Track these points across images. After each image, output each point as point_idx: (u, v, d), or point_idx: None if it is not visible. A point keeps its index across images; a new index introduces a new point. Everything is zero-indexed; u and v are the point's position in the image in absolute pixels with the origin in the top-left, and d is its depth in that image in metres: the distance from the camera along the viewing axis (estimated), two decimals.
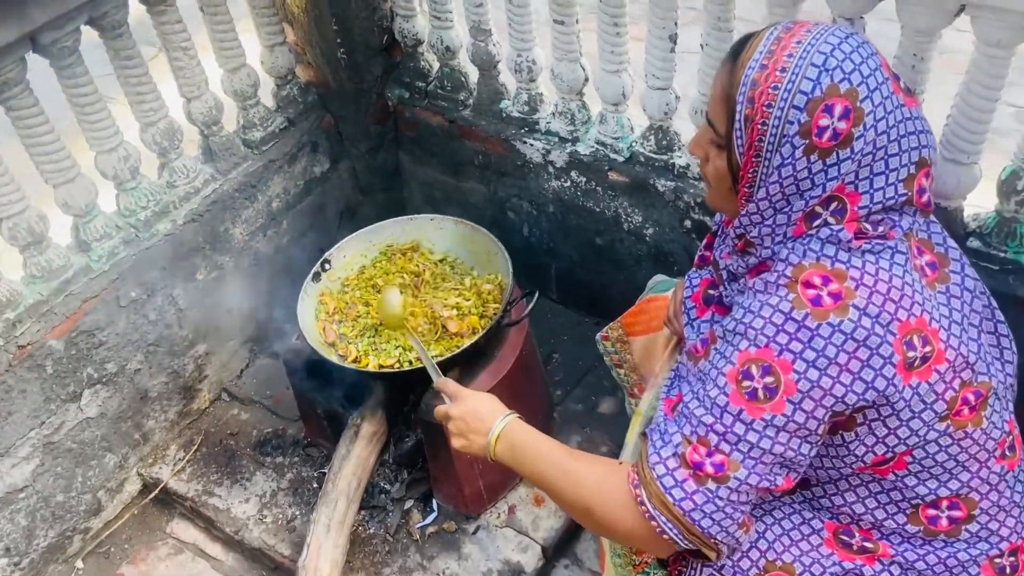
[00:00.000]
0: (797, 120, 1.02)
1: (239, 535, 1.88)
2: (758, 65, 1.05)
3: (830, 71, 1.02)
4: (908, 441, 1.11)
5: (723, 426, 1.08)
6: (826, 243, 1.07)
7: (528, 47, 1.89)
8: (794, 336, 1.04)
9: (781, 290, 1.08)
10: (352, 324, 1.76)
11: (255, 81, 2.00)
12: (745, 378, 1.07)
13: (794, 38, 1.05)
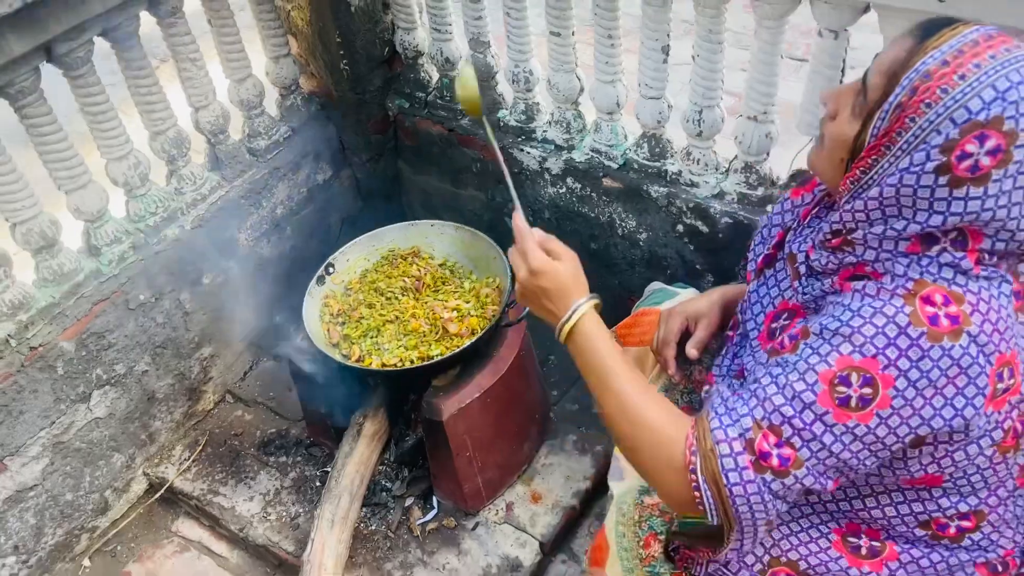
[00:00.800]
0: (947, 133, 0.96)
1: (244, 533, 1.92)
2: (940, 59, 0.97)
3: (1005, 102, 0.94)
4: (960, 464, 1.11)
5: (802, 422, 1.04)
6: (945, 267, 1.04)
7: (525, 58, 1.96)
8: (905, 353, 1.01)
9: (898, 300, 1.03)
10: (356, 325, 1.81)
11: (260, 91, 2.06)
12: (842, 383, 1.03)
13: (989, 50, 0.97)
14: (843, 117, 1.07)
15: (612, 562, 1.43)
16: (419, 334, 1.77)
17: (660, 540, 1.38)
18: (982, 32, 0.98)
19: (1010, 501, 1.24)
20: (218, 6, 1.89)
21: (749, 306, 1.35)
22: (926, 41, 0.99)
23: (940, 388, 1.01)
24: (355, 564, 1.82)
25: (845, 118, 1.07)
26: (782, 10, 1.51)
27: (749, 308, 1.34)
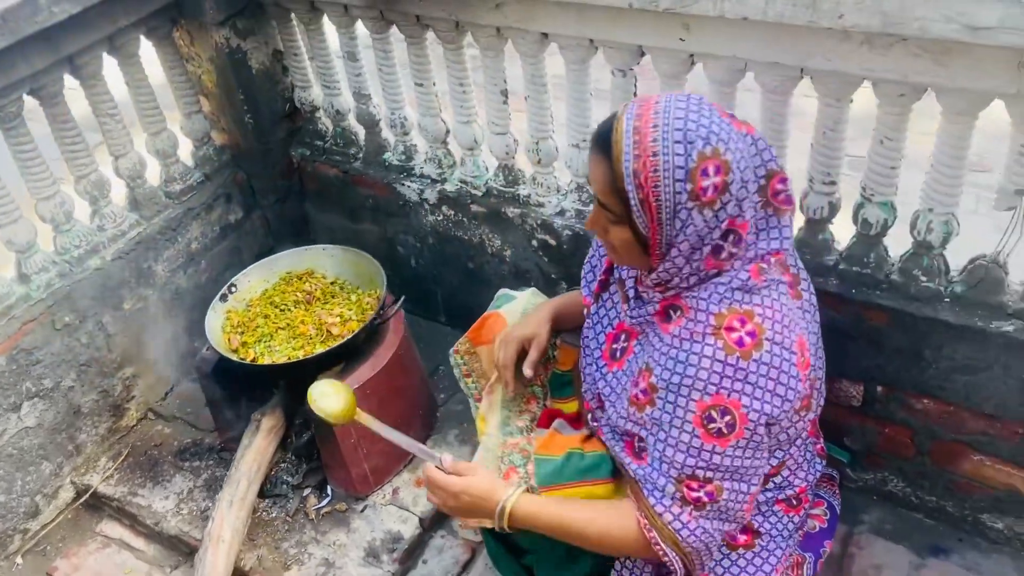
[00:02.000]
0: (684, 190, 1.22)
1: (159, 527, 2.16)
2: (632, 156, 1.23)
3: (692, 142, 1.21)
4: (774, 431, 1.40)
5: (703, 462, 1.32)
6: (735, 290, 1.31)
7: (400, 106, 2.31)
8: (734, 378, 1.28)
9: (709, 339, 1.29)
10: (252, 333, 2.10)
11: (175, 142, 2.39)
12: (709, 422, 1.30)
13: (649, 122, 1.23)
14: (612, 229, 1.33)
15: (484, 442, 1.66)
16: (306, 337, 2.07)
17: (517, 472, 1.59)
18: (631, 115, 1.25)
19: (802, 447, 1.56)
20: (134, 70, 2.23)
21: (591, 327, 1.60)
22: (610, 153, 1.25)
23: (772, 387, 1.30)
24: (255, 545, 2.07)
25: (614, 230, 1.33)
26: (580, 55, 1.88)
27: (591, 330, 1.60)
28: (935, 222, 1.67)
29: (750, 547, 1.57)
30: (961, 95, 1.49)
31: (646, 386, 1.38)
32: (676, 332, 1.34)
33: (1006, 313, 1.69)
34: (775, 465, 1.51)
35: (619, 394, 1.49)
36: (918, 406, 1.87)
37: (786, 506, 1.60)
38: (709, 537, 1.37)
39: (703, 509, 1.35)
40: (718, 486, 1.34)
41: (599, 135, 1.30)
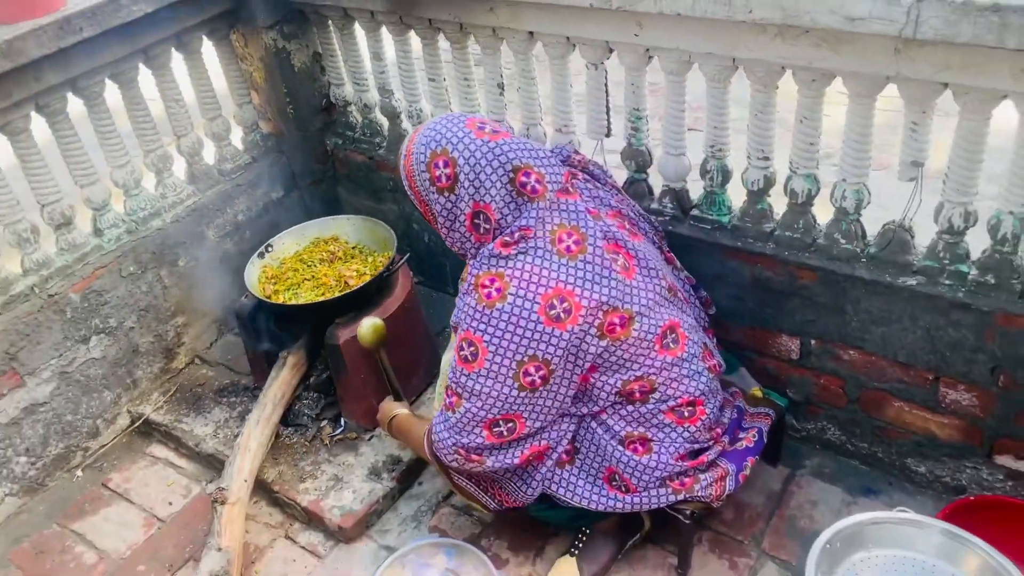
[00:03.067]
0: (426, 179, 1.78)
1: (198, 447, 2.54)
2: (402, 158, 1.84)
3: (428, 143, 1.77)
4: (592, 357, 1.76)
5: (454, 379, 1.77)
6: (490, 257, 1.74)
7: (416, 99, 2.70)
8: (479, 319, 1.71)
9: (472, 292, 1.74)
10: (283, 283, 2.49)
11: (228, 128, 2.82)
12: (462, 349, 1.75)
13: (416, 134, 1.82)
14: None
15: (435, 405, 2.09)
16: (327, 287, 2.44)
17: None
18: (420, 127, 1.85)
19: (672, 367, 1.85)
20: (196, 65, 2.67)
21: None
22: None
23: (511, 330, 1.69)
24: (277, 463, 2.43)
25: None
26: (560, 52, 2.24)
27: None
28: (848, 191, 1.97)
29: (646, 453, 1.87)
30: (857, 79, 1.81)
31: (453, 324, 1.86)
32: (460, 289, 1.88)
33: (911, 270, 1.97)
34: (636, 380, 1.81)
35: None
36: (845, 357, 2.15)
37: (677, 417, 1.88)
38: (441, 439, 1.83)
39: (445, 415, 1.81)
40: (457, 401, 1.78)
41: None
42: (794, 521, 2.17)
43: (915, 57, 1.67)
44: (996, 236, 1.83)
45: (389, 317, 2.41)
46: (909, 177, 1.89)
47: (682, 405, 1.88)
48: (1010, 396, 1.94)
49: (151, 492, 2.48)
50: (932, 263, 1.94)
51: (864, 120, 1.88)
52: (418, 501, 2.35)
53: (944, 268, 1.92)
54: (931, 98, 1.75)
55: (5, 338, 2.32)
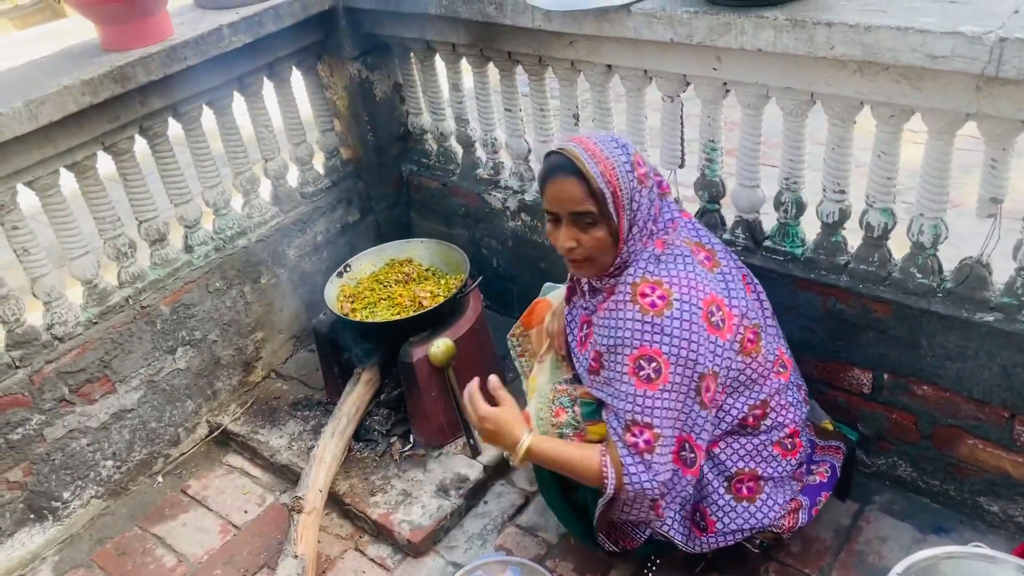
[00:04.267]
0: (633, 178, 1.71)
1: (273, 458, 2.63)
2: (594, 165, 1.68)
3: (624, 145, 1.73)
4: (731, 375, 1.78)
5: (639, 407, 1.67)
6: (649, 261, 1.72)
7: (492, 129, 2.79)
8: (652, 331, 1.66)
9: (629, 306, 1.68)
10: (360, 302, 2.58)
11: (311, 153, 2.94)
12: (639, 369, 1.67)
13: (588, 144, 1.71)
14: (588, 237, 1.72)
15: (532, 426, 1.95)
16: (402, 307, 2.53)
17: (566, 411, 1.92)
18: (577, 146, 1.72)
19: (782, 392, 1.89)
20: (285, 93, 2.81)
21: (568, 325, 2.01)
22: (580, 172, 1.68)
23: (686, 336, 1.67)
24: (349, 476, 2.50)
25: (588, 235, 1.72)
26: (637, 84, 2.31)
27: (569, 327, 2.01)
28: (925, 225, 1.99)
29: (758, 492, 1.89)
30: (937, 115, 1.83)
31: (594, 354, 1.80)
32: (607, 307, 1.76)
33: (989, 306, 1.97)
34: (758, 404, 1.83)
35: (584, 370, 1.90)
36: (919, 392, 2.14)
37: (782, 450, 1.91)
38: (642, 483, 1.70)
39: (641, 458, 1.69)
40: (656, 434, 1.68)
41: (556, 166, 1.72)
42: (863, 557, 2.15)
43: (996, 95, 1.69)
44: None
45: (460, 338, 2.48)
46: (988, 214, 1.90)
47: (788, 436, 1.91)
48: None
49: (227, 500, 2.58)
50: (1010, 300, 1.93)
51: (943, 156, 1.89)
52: (484, 519, 2.39)
53: (1022, 305, 1.91)
54: (1012, 135, 1.76)
55: (100, 346, 2.45)
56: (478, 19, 2.40)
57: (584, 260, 1.78)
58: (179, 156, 2.59)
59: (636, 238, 1.75)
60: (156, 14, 2.33)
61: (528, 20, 2.27)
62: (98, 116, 2.27)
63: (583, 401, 1.95)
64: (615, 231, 1.72)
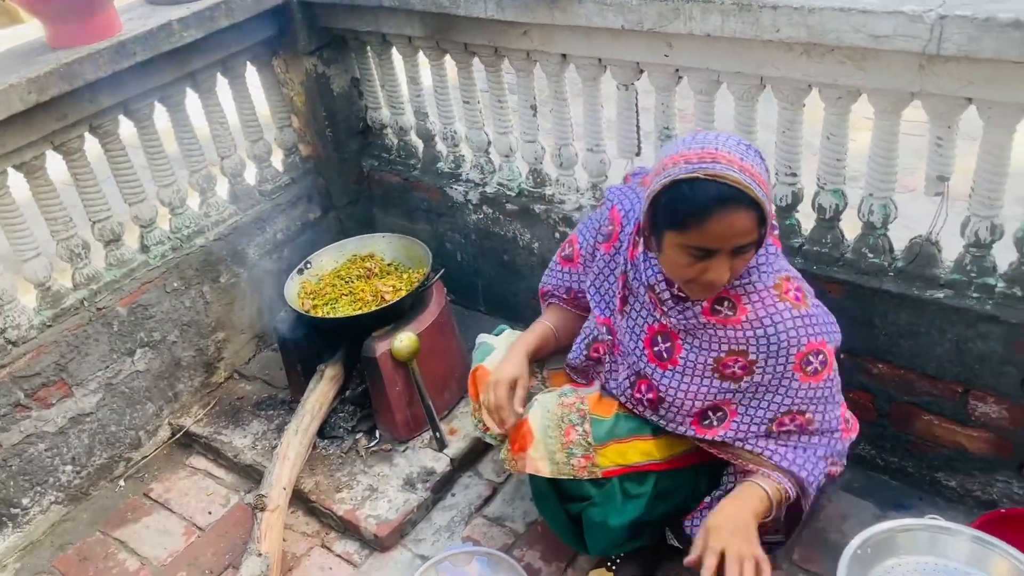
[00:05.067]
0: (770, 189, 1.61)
1: (237, 458, 2.60)
2: (758, 188, 1.50)
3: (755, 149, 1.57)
4: None
5: (799, 399, 1.70)
6: (771, 263, 1.69)
7: (451, 122, 2.79)
8: (810, 324, 1.66)
9: (779, 303, 1.65)
10: (321, 298, 2.56)
11: (269, 150, 2.92)
12: (807, 365, 1.68)
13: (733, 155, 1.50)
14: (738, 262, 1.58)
15: (536, 446, 1.87)
16: (364, 302, 2.51)
17: (576, 429, 1.87)
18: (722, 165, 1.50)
19: None
20: (240, 89, 2.78)
21: (622, 337, 1.87)
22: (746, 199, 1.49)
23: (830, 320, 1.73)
24: (314, 473, 2.48)
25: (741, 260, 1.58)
26: (592, 73, 2.32)
27: (623, 339, 1.86)
28: (875, 205, 2.02)
29: None
30: (882, 95, 1.86)
31: (744, 363, 1.70)
32: (750, 318, 1.66)
33: (939, 283, 2.00)
34: None
35: (683, 385, 1.78)
36: (875, 371, 2.18)
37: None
38: (799, 457, 1.73)
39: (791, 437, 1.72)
40: (809, 417, 1.72)
41: (723, 197, 1.48)
42: (824, 535, 2.18)
43: (939, 73, 1.72)
44: (1022, 249, 1.86)
45: (424, 332, 2.47)
46: (935, 192, 1.93)
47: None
48: None
49: (191, 501, 2.54)
50: (959, 276, 1.97)
51: (890, 136, 1.92)
52: (451, 511, 2.39)
53: (971, 281, 1.95)
54: (955, 113, 1.79)
55: (56, 349, 2.41)
56: (432, 10, 2.39)
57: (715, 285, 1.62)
58: (133, 155, 2.55)
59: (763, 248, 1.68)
60: (104, 10, 2.29)
61: (481, 10, 2.27)
62: (46, 115, 2.23)
63: (594, 419, 1.90)
64: (761, 243, 1.61)
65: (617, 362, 1.94)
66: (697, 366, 1.76)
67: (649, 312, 1.81)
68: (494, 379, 1.93)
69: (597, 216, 1.99)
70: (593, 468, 1.86)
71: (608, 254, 1.92)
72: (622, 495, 1.86)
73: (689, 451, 1.92)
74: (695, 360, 1.76)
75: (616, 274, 1.90)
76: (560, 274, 2.10)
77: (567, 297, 2.10)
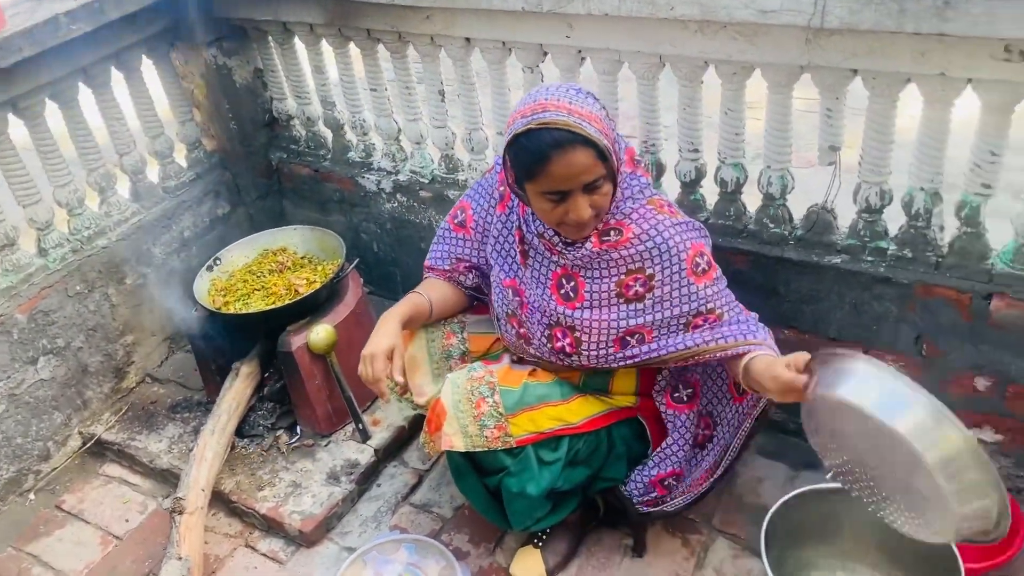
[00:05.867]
0: (613, 126, 1.73)
1: (153, 463, 2.53)
2: (589, 125, 1.62)
3: (586, 92, 1.70)
4: None
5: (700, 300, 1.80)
6: (643, 189, 1.80)
7: (359, 111, 2.76)
8: (688, 230, 1.79)
9: (658, 216, 1.77)
10: (233, 294, 2.51)
11: (171, 146, 2.83)
12: (696, 267, 1.79)
13: (563, 102, 1.63)
14: (597, 197, 1.68)
15: (450, 421, 1.88)
16: (278, 296, 2.47)
17: (486, 401, 1.88)
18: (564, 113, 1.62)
19: None
20: (137, 83, 2.69)
21: (530, 292, 1.91)
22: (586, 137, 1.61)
23: (702, 227, 1.85)
24: (234, 473, 2.43)
25: (599, 195, 1.68)
26: (497, 56, 2.32)
27: (531, 293, 1.91)
28: (773, 177, 2.09)
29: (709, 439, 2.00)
30: (773, 69, 1.92)
31: (643, 279, 1.80)
32: (636, 233, 1.77)
33: (836, 249, 2.09)
34: None
35: (594, 318, 1.85)
36: (781, 337, 2.24)
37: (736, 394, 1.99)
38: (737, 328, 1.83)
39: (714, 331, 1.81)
40: (719, 313, 1.82)
41: (555, 142, 1.61)
42: (742, 498, 2.25)
43: (824, 46, 1.78)
44: (910, 212, 1.95)
45: (341, 323, 2.45)
46: (828, 162, 2.01)
47: None
48: (934, 364, 2.05)
49: (106, 511, 2.46)
50: (854, 241, 2.06)
51: (783, 109, 1.99)
52: (378, 502, 2.38)
53: (865, 245, 2.04)
54: (843, 84, 1.87)
55: None
56: None
57: (587, 223, 1.73)
58: (26, 157, 2.44)
59: (622, 175, 1.78)
60: None
61: None
62: None
63: (503, 389, 1.92)
64: (614, 177, 1.72)
65: (532, 321, 1.95)
66: (602, 295, 1.84)
67: (548, 259, 1.88)
68: (369, 352, 1.88)
69: (486, 182, 2.01)
70: (507, 438, 1.88)
71: (504, 214, 1.96)
72: (537, 462, 1.88)
73: (603, 413, 1.97)
74: (599, 290, 1.83)
75: (512, 232, 1.94)
76: (452, 240, 2.07)
77: (448, 269, 2.09)
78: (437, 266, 2.10)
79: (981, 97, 1.73)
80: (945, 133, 1.81)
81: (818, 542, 1.92)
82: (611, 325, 1.85)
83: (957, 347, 1.99)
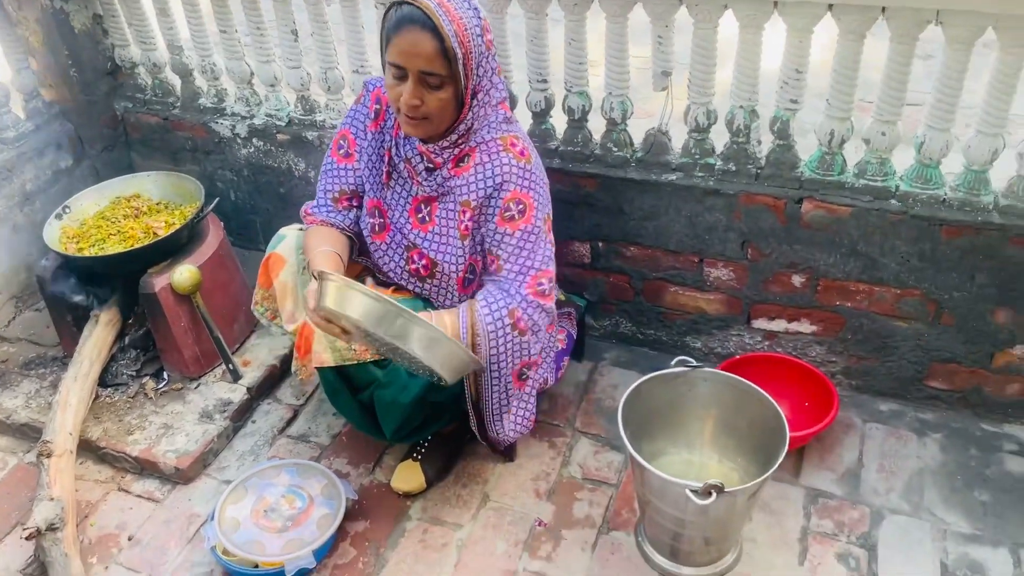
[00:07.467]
0: (482, 43, 1.72)
1: (9, 419, 2.43)
2: (449, 23, 1.64)
3: (476, 9, 1.72)
4: None
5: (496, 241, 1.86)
6: (501, 123, 1.85)
7: (208, 54, 2.73)
8: (523, 176, 1.83)
9: (504, 155, 1.82)
10: (87, 240, 2.44)
11: (7, 95, 2.70)
12: (507, 211, 1.84)
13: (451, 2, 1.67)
14: (432, 97, 1.71)
15: (319, 339, 1.95)
16: (136, 239, 2.43)
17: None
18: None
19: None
20: None
21: (391, 208, 1.99)
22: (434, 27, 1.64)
23: (544, 184, 1.89)
24: (100, 421, 2.39)
25: (434, 95, 1.71)
26: None
27: (392, 210, 1.99)
28: (615, 103, 2.28)
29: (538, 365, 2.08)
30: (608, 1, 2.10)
31: (471, 213, 1.86)
32: (478, 162, 1.83)
33: (671, 168, 2.31)
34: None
35: (443, 244, 1.93)
36: (628, 253, 2.47)
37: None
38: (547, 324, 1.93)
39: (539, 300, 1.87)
40: (499, 264, 1.85)
41: (409, 17, 1.65)
42: (600, 403, 2.46)
43: None
44: (732, 129, 2.20)
45: (204, 264, 2.45)
46: (662, 87, 2.22)
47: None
48: (758, 266, 2.33)
49: None
50: (687, 159, 2.28)
51: (619, 37, 2.18)
52: (254, 437, 2.41)
53: (696, 162, 2.27)
54: (670, 13, 2.08)
55: None
56: None
57: (423, 119, 1.76)
58: None
59: (481, 104, 1.80)
60: None
61: None
62: None
63: None
64: (460, 95, 1.74)
65: (393, 242, 2.03)
66: (449, 224, 1.92)
67: (409, 184, 1.96)
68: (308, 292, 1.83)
69: (360, 107, 2.02)
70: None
71: (376, 132, 1.99)
72: (407, 373, 1.98)
73: None
74: (447, 218, 1.92)
75: (381, 151, 1.99)
76: (341, 173, 2.04)
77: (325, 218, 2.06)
78: (317, 215, 2.07)
79: (786, 20, 1.97)
80: (758, 54, 2.06)
81: (665, 428, 2.14)
82: (457, 258, 1.94)
83: (776, 248, 2.27)
